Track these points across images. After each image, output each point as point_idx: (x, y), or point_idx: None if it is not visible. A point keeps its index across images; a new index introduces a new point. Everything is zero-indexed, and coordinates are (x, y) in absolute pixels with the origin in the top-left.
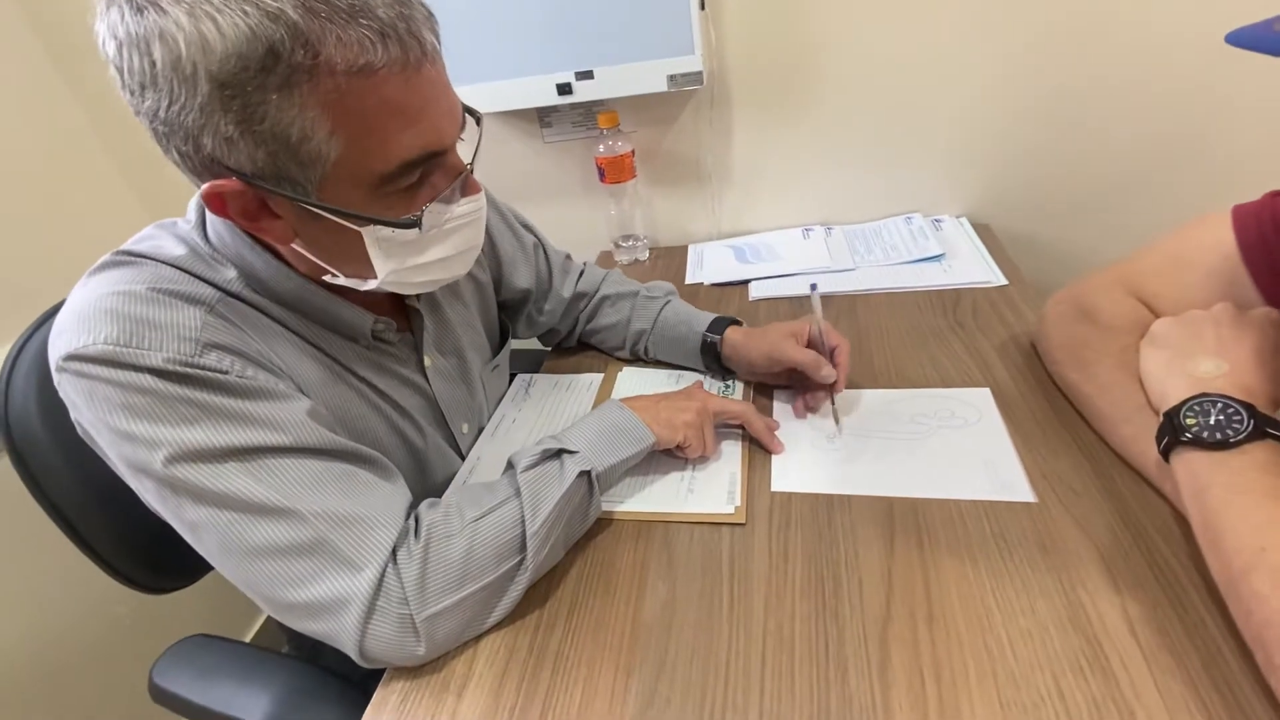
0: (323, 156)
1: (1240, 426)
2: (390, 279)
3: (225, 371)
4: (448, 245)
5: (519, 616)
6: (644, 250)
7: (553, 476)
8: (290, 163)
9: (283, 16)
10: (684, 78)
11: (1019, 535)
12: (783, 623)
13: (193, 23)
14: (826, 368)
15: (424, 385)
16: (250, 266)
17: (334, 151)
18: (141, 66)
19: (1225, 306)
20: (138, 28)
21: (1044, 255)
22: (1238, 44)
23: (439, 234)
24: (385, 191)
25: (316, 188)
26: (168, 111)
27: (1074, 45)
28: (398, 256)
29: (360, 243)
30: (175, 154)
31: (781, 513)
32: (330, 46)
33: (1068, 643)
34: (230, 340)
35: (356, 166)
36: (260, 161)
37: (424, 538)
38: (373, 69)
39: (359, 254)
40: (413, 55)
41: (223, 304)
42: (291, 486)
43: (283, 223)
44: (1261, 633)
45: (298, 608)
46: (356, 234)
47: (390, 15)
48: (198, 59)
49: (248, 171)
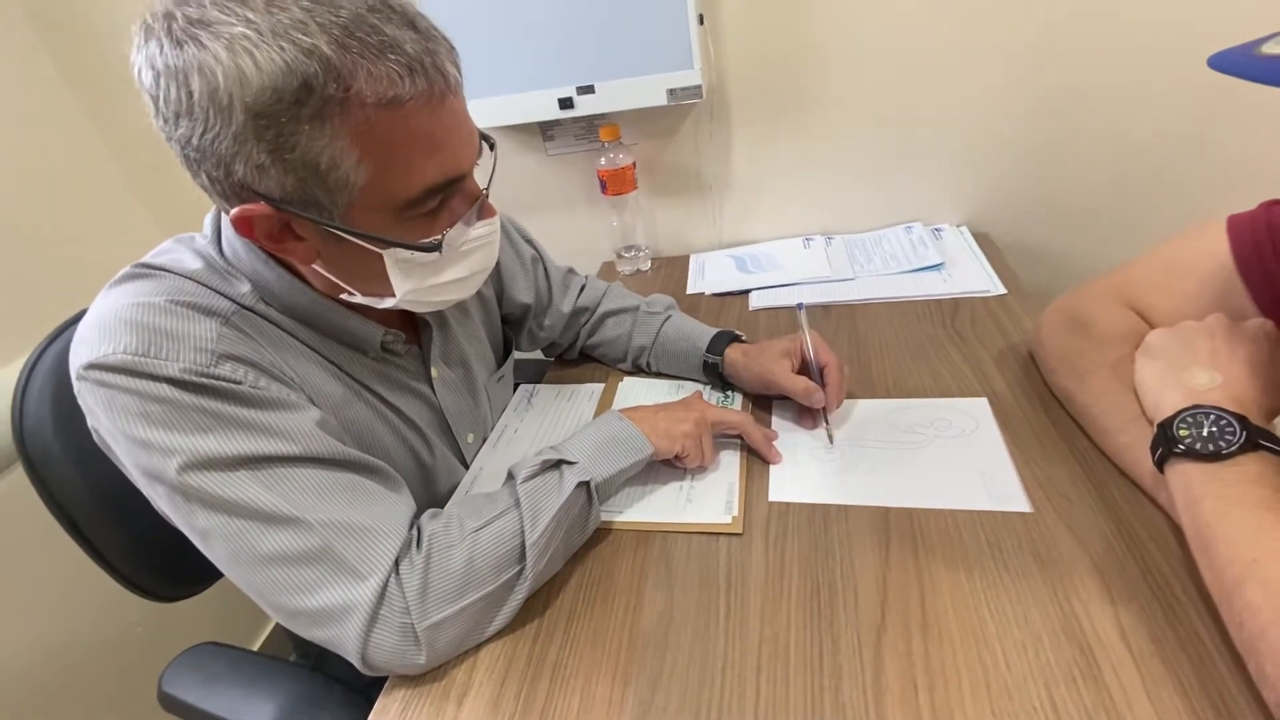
0: (350, 183)
1: (1233, 438)
2: (408, 298)
3: (239, 382)
4: (463, 266)
5: (518, 626)
6: (646, 261)
7: (552, 487)
8: (318, 189)
9: (317, 52)
10: (683, 91)
11: (1014, 545)
12: (778, 632)
13: (231, 57)
14: (816, 394)
15: (430, 396)
16: (264, 281)
17: (361, 178)
18: (179, 97)
19: (1219, 317)
20: (177, 60)
21: (1044, 264)
22: (1221, 70)
23: (455, 255)
24: (407, 216)
25: (342, 212)
26: (201, 139)
27: (1073, 54)
28: (416, 277)
29: (381, 264)
30: (205, 178)
31: (779, 523)
32: (361, 80)
33: (1061, 653)
34: (244, 352)
35: (381, 192)
36: (289, 187)
37: (425, 548)
38: (401, 101)
39: (379, 274)
40: (437, 88)
41: (238, 316)
42: (300, 495)
43: (306, 244)
44: (1254, 643)
45: (303, 615)
46: (378, 255)
47: (417, 50)
48: (235, 91)
49: (276, 196)
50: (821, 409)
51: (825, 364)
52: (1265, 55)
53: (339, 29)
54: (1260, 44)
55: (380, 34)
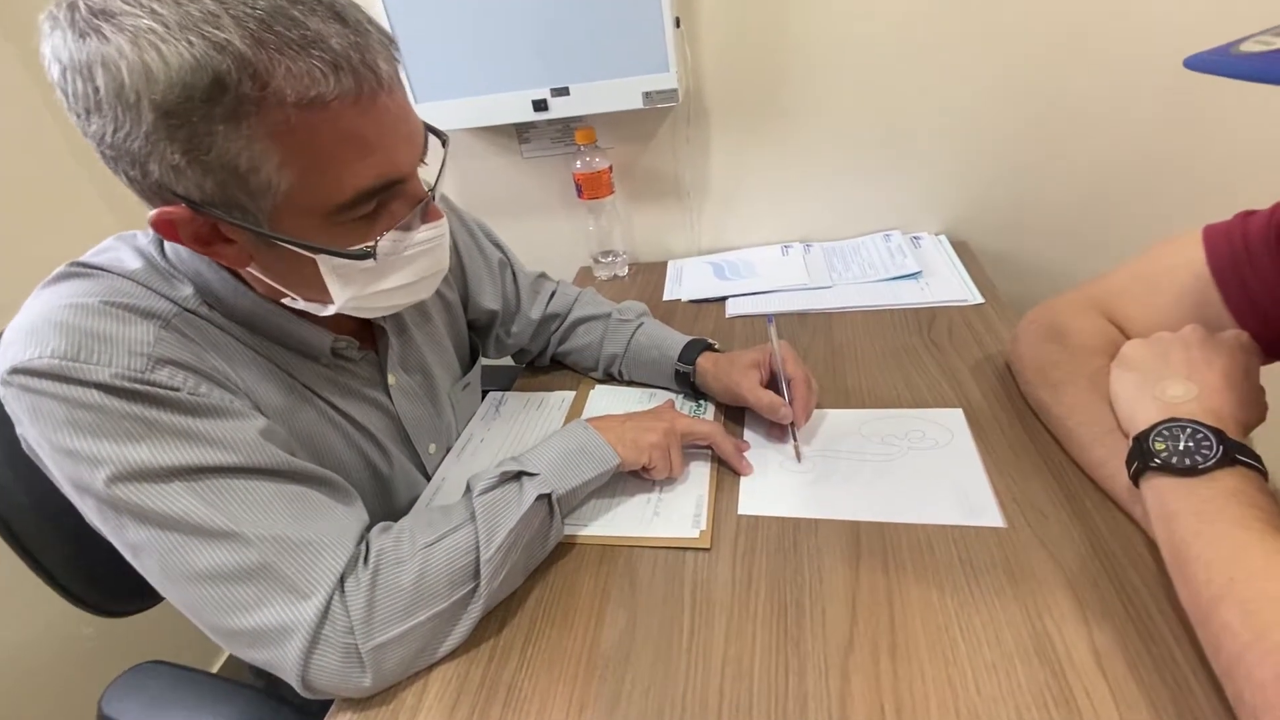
0: (273, 187)
1: (1209, 453)
2: (350, 305)
3: (176, 389)
4: (409, 272)
5: (473, 646)
6: (623, 266)
7: (510, 500)
8: (239, 192)
9: (229, 47)
10: (659, 95)
11: (987, 561)
12: (742, 653)
13: (136, 51)
14: (783, 409)
15: (387, 404)
16: (207, 284)
17: (284, 182)
18: (85, 92)
19: (1195, 328)
20: (80, 54)
21: (1022, 274)
22: (1197, 69)
23: (399, 261)
24: (340, 220)
25: (268, 217)
26: (113, 137)
27: (1054, 65)
28: (357, 283)
29: (316, 269)
30: (124, 177)
31: (747, 537)
32: (279, 78)
33: (1033, 676)
34: (185, 356)
35: (309, 197)
36: (209, 190)
37: (373, 564)
38: (324, 101)
39: (315, 280)
40: (367, 86)
41: (179, 319)
42: (238, 508)
43: (236, 247)
44: (1231, 667)
45: (240, 635)
46: (312, 260)
47: (343, 45)
48: (141, 88)
49: (196, 199)
50: (790, 424)
51: (793, 377)
52: (1243, 53)
53: (255, 22)
54: (1238, 44)
55: (302, 28)
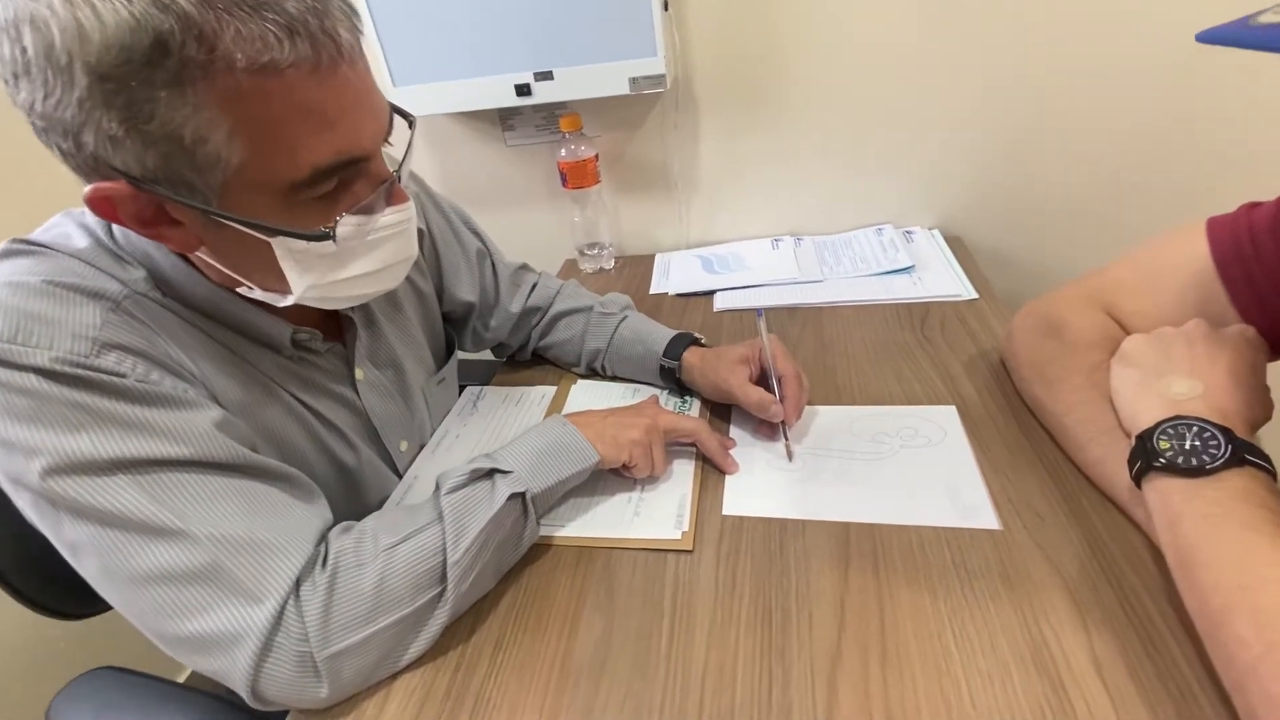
0: (222, 160)
1: (1217, 452)
2: (310, 294)
3: (123, 375)
4: (373, 258)
5: (439, 653)
6: (609, 259)
7: (481, 499)
8: (184, 166)
9: (173, 5)
10: (647, 80)
11: (981, 565)
12: (725, 661)
13: (68, 8)
14: (773, 407)
15: (354, 400)
16: (157, 268)
17: (235, 156)
18: (13, 54)
19: (1199, 323)
20: (6, 11)
21: (1017, 269)
22: (1210, 41)
23: (362, 246)
24: (298, 200)
25: (218, 194)
26: (44, 104)
27: (1050, 58)
28: (316, 270)
29: (272, 254)
30: (57, 150)
31: (732, 538)
32: (228, 41)
33: (1030, 686)
34: (134, 341)
35: (263, 172)
36: (151, 163)
37: (331, 567)
38: (277, 67)
39: (271, 267)
40: (325, 54)
41: (131, 301)
42: (187, 505)
43: (184, 230)
44: (1243, 680)
45: (186, 641)
46: (267, 245)
47: (300, 9)
48: (73, 49)
49: (137, 174)
50: (780, 423)
51: (783, 374)
52: (1262, 24)
53: None
54: (1255, 16)
55: None
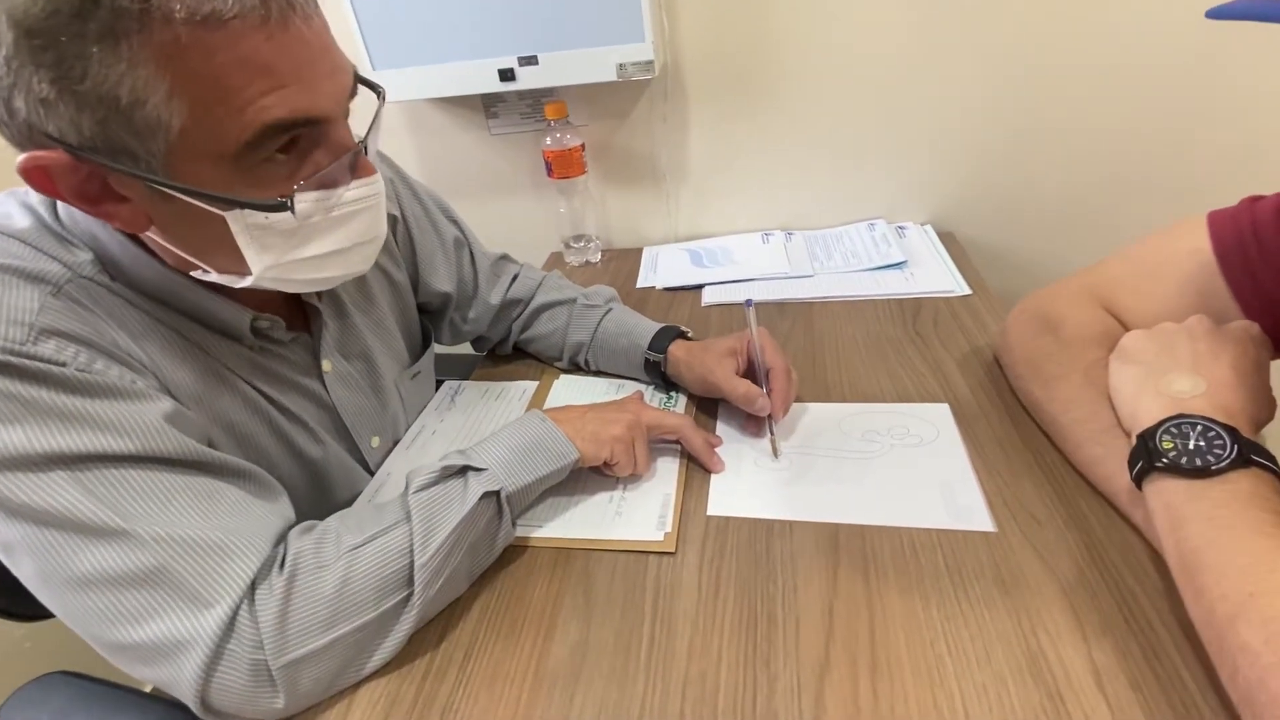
0: (163, 123)
1: (1222, 452)
2: (269, 275)
3: (62, 364)
4: (338, 236)
5: (405, 661)
6: (596, 252)
7: (452, 498)
8: (123, 131)
9: None
10: (634, 67)
11: (975, 569)
12: (706, 671)
13: None
14: (761, 400)
15: (321, 393)
16: (105, 250)
17: (177, 118)
18: None
19: (1200, 319)
20: None
21: (1010, 265)
22: (1221, 17)
23: (325, 223)
24: (249, 167)
25: (162, 163)
26: None
27: (1043, 53)
28: (275, 249)
29: (227, 231)
30: None
31: (716, 540)
32: None
33: (1027, 697)
34: (77, 328)
35: (210, 136)
36: (87, 129)
37: (289, 569)
38: (221, 19)
39: (226, 244)
40: (275, 7)
41: (75, 285)
42: (131, 503)
43: (130, 206)
44: (1251, 693)
45: (129, 649)
46: (221, 220)
47: None
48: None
49: (73, 141)
50: (766, 417)
51: (772, 367)
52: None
53: None
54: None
55: None
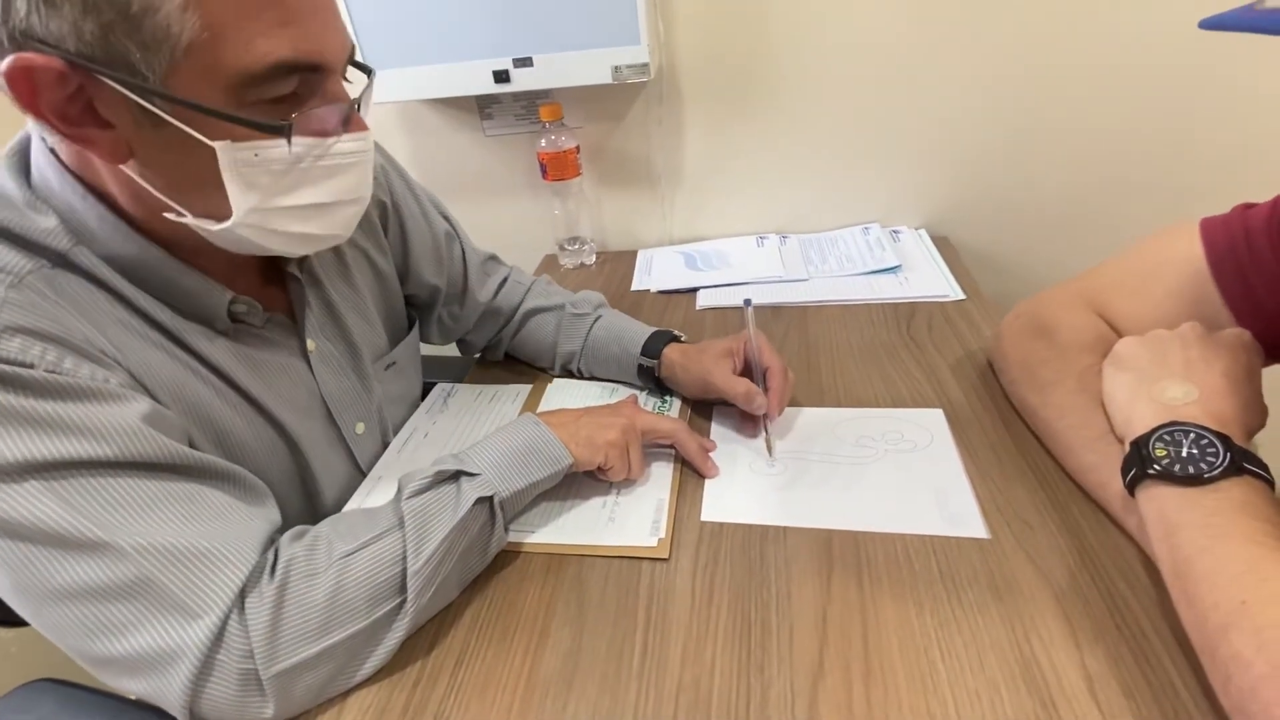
0: (172, 35)
1: (1215, 460)
2: (250, 220)
3: (29, 365)
4: (325, 189)
5: (397, 668)
6: (591, 254)
7: (446, 504)
8: (128, 40)
9: None
10: (630, 70)
11: (969, 576)
12: (700, 677)
13: None
14: (758, 398)
15: (306, 374)
16: (79, 219)
17: (188, 31)
18: None
19: (1193, 326)
20: None
21: (1004, 270)
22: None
23: (314, 170)
24: (249, 99)
25: (161, 79)
26: None
27: (1039, 57)
28: (261, 189)
29: (213, 165)
30: None
31: (710, 545)
32: None
33: (1020, 705)
34: (42, 323)
35: (215, 57)
36: (89, 34)
37: (280, 576)
38: None
39: (211, 180)
40: None
41: (38, 276)
42: (111, 512)
43: (114, 134)
44: (1244, 702)
45: (113, 662)
46: (209, 153)
47: None
48: None
49: (70, 47)
50: (763, 416)
51: (769, 367)
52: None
53: None
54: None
55: None
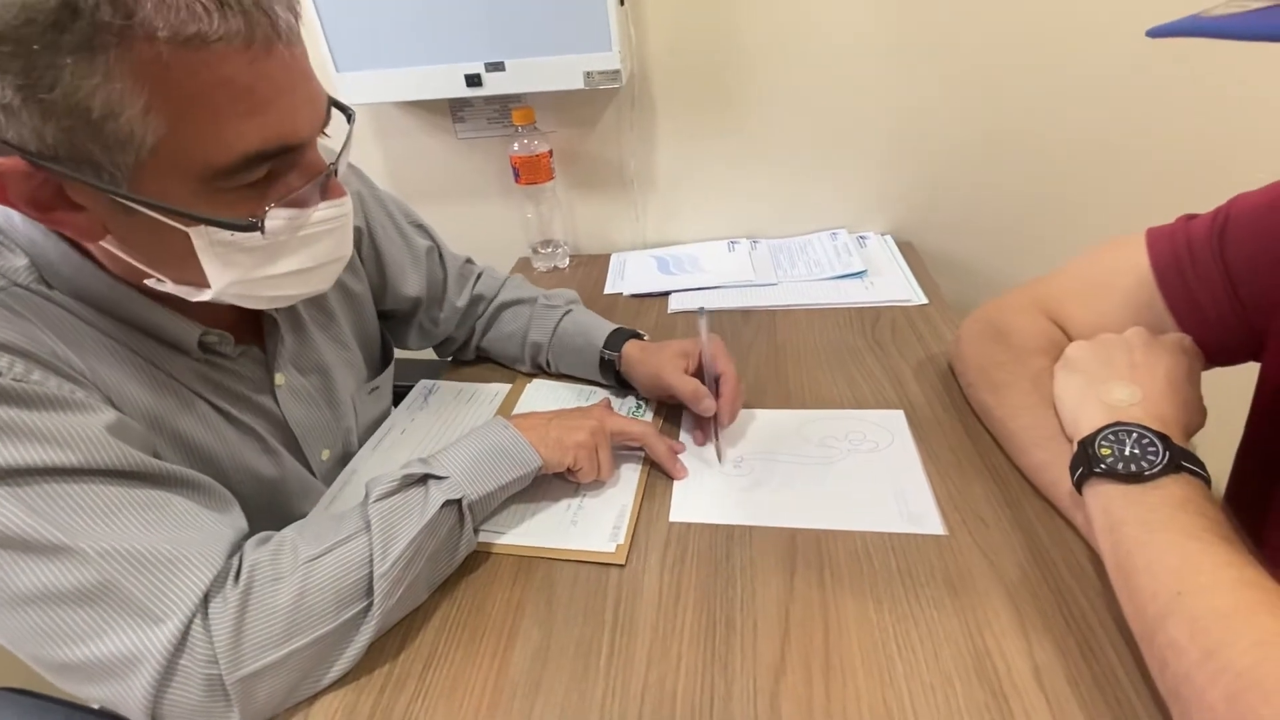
0: (135, 139)
1: (1155, 459)
2: (231, 291)
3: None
4: (305, 256)
5: (364, 672)
6: (564, 258)
7: (413, 507)
8: (91, 142)
9: None
10: (602, 75)
11: (927, 572)
12: (665, 676)
13: None
14: (707, 400)
15: (272, 407)
16: (44, 257)
17: (151, 134)
18: None
19: (1138, 331)
20: None
21: (966, 276)
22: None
23: (293, 242)
24: (221, 188)
25: (129, 177)
26: None
27: (1002, 69)
28: (240, 266)
29: (189, 246)
30: None
31: (677, 546)
32: (149, 7)
33: (972, 697)
34: (11, 337)
35: (183, 155)
36: (51, 138)
37: (245, 581)
38: (205, 41)
39: (187, 260)
40: (260, 32)
41: (9, 294)
42: (74, 518)
43: (87, 215)
44: (1177, 687)
45: (73, 669)
46: (184, 235)
47: None
48: None
49: (32, 149)
50: (713, 422)
51: (723, 374)
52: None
53: None
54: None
55: None
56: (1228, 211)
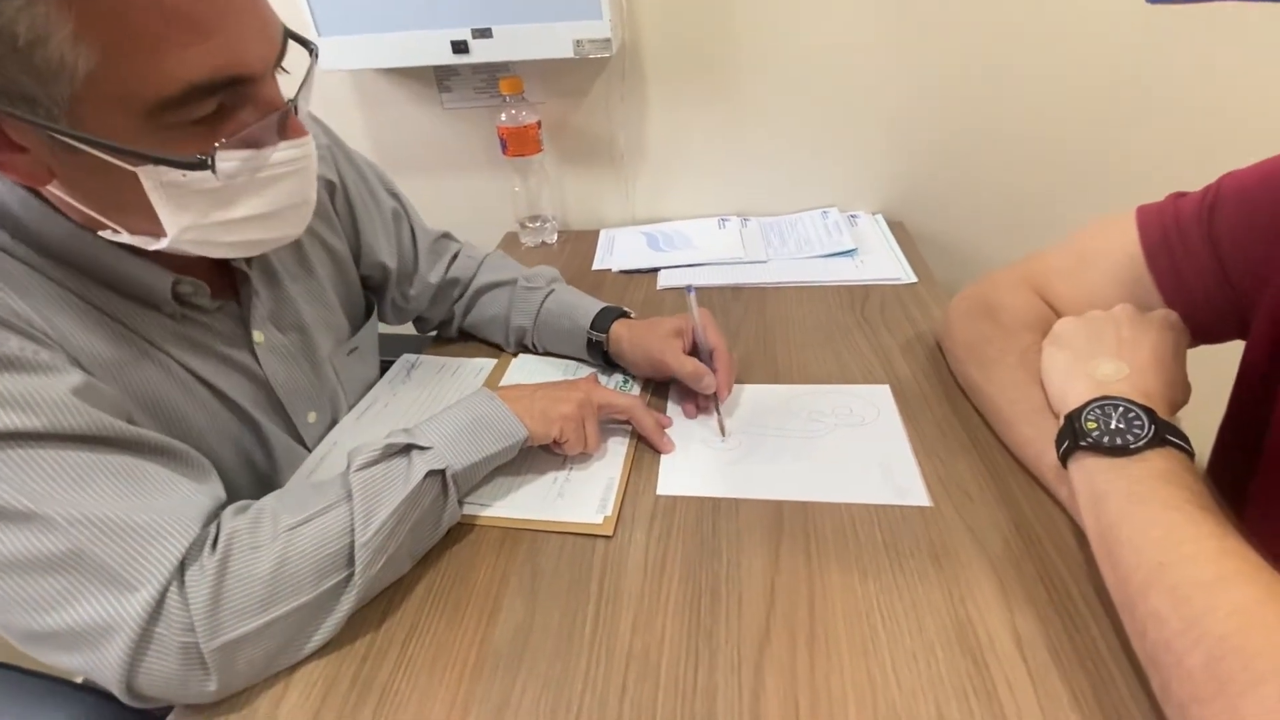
0: (67, 67)
1: (1141, 432)
2: (187, 237)
3: None
4: (265, 199)
5: (345, 641)
6: (552, 233)
7: (395, 476)
8: (21, 73)
9: None
10: (591, 44)
11: (911, 544)
12: (650, 646)
13: None
14: (707, 377)
15: (253, 366)
16: (5, 207)
17: (85, 62)
18: None
19: (1125, 307)
20: None
21: (955, 255)
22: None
23: (252, 184)
24: (167, 122)
25: (66, 109)
26: None
27: (998, 52)
28: (195, 208)
29: (140, 189)
30: None
31: (664, 519)
32: None
33: (954, 665)
34: None
35: (121, 85)
36: None
37: (223, 549)
38: None
39: (139, 204)
40: None
41: None
42: (41, 484)
43: (29, 157)
44: (1157, 655)
45: (45, 637)
46: (133, 176)
47: None
48: None
49: None
50: (713, 397)
51: (715, 347)
52: None
53: None
54: None
55: None
56: (1217, 189)
